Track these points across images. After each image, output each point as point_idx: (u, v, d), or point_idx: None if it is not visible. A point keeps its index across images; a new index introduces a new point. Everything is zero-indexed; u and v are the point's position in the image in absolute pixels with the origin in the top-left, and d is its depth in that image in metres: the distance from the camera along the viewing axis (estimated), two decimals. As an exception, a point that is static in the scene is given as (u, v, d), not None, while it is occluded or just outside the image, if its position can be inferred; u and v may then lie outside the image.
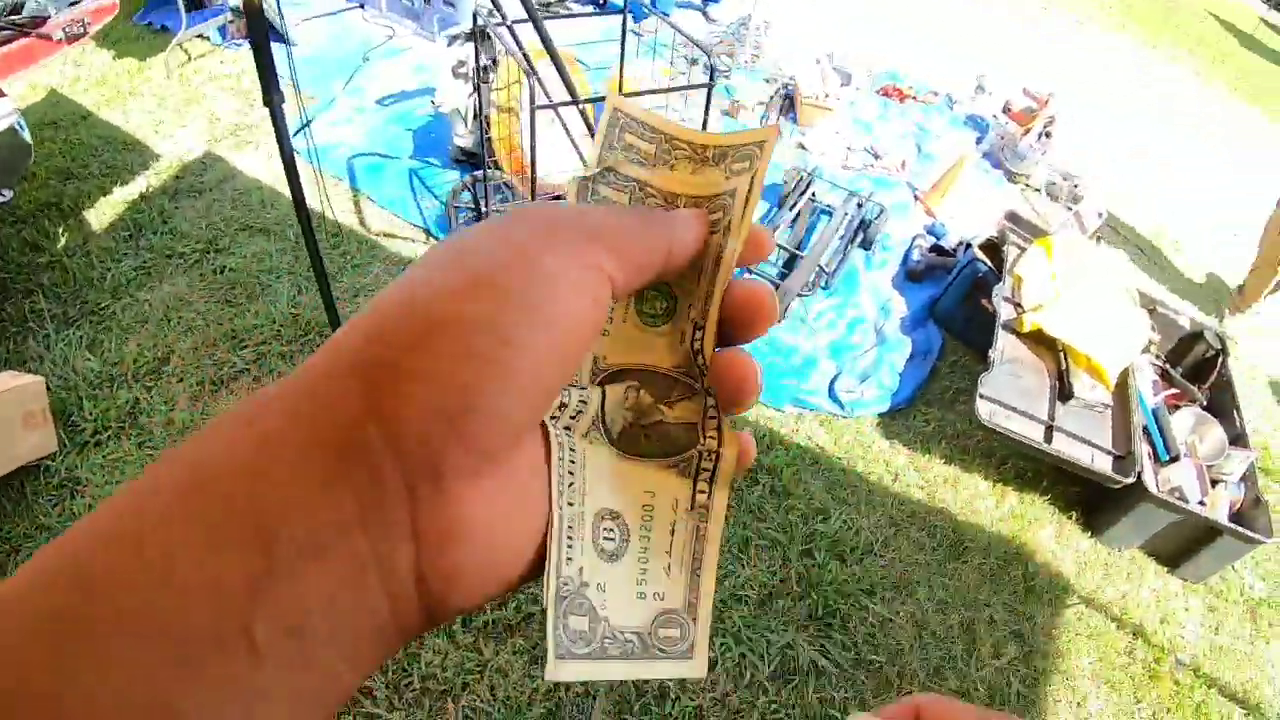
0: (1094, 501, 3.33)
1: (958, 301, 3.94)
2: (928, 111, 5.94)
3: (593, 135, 2.86)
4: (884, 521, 3.07)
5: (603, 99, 3.00)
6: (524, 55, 2.92)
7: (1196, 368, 3.88)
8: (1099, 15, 10.59)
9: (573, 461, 0.36)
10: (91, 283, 3.25)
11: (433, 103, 3.81)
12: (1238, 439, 3.45)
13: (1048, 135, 5.38)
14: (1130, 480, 3.06)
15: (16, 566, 1.78)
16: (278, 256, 3.53)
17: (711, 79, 2.93)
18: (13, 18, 3.45)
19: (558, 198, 3.98)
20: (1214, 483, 3.28)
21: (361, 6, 5.72)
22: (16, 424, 2.52)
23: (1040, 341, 3.55)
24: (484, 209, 3.64)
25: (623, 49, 3.43)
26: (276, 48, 2.37)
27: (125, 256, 3.39)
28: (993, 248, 3.97)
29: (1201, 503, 3.17)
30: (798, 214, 4.27)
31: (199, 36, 4.94)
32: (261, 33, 2.31)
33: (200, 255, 3.46)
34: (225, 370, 3.01)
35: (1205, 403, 3.70)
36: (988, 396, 3.20)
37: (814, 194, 4.43)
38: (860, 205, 4.34)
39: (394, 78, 4.95)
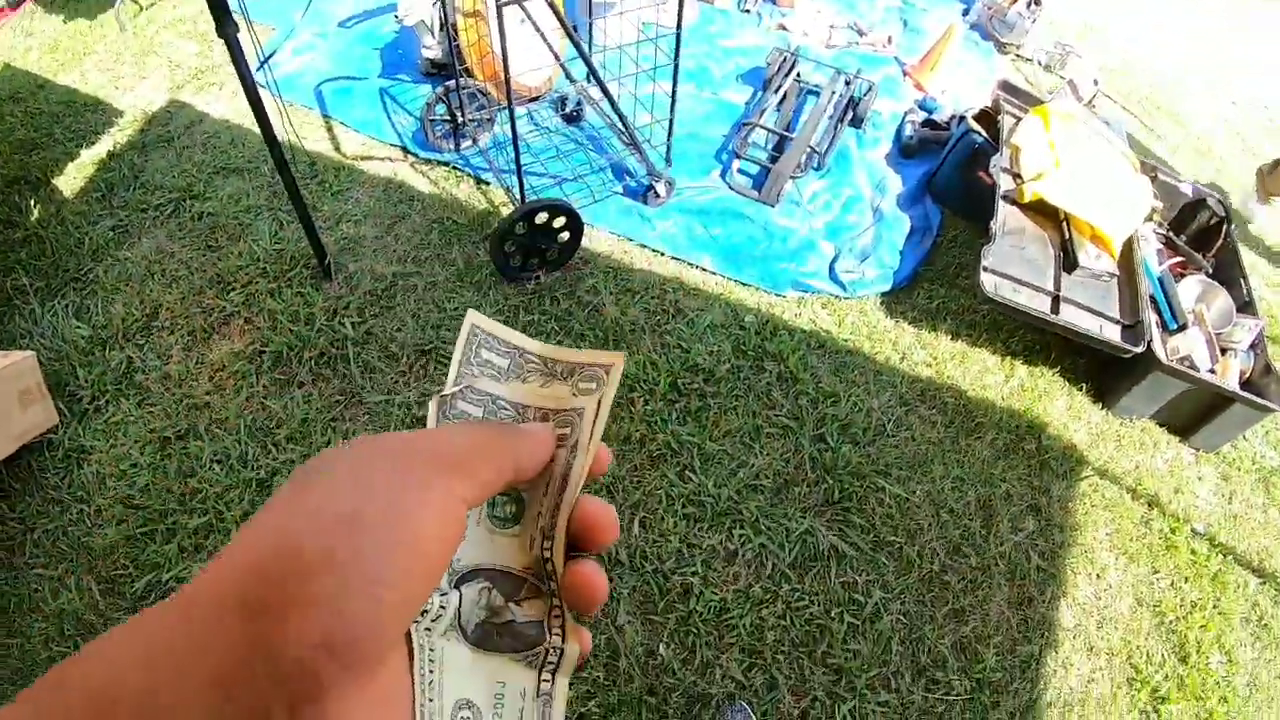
0: (1104, 372, 3.28)
1: (954, 175, 3.82)
2: (911, -14, 5.75)
3: (564, 28, 2.75)
4: (894, 401, 3.02)
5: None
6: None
7: (1200, 235, 3.80)
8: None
9: (432, 660, 0.39)
10: (70, 250, 3.16)
11: (396, 17, 3.65)
12: (1245, 307, 3.40)
13: (1037, 3, 5.22)
14: (1140, 350, 3.00)
15: (31, 544, 1.80)
16: (255, 194, 3.44)
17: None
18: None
19: (536, 99, 3.86)
20: (1223, 351, 3.23)
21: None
22: (14, 403, 2.47)
23: (1042, 211, 3.45)
24: (460, 119, 3.52)
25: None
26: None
27: (101, 218, 3.30)
28: (987, 119, 3.85)
29: (1211, 371, 3.12)
30: (784, 95, 4.13)
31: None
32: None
33: (176, 204, 3.37)
34: (215, 316, 2.96)
35: (1211, 270, 3.63)
36: (991, 269, 3.12)
37: (799, 74, 4.28)
38: (848, 83, 4.20)
39: (355, -2, 4.76)
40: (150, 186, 3.44)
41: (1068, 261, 3.31)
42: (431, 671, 0.39)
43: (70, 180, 3.49)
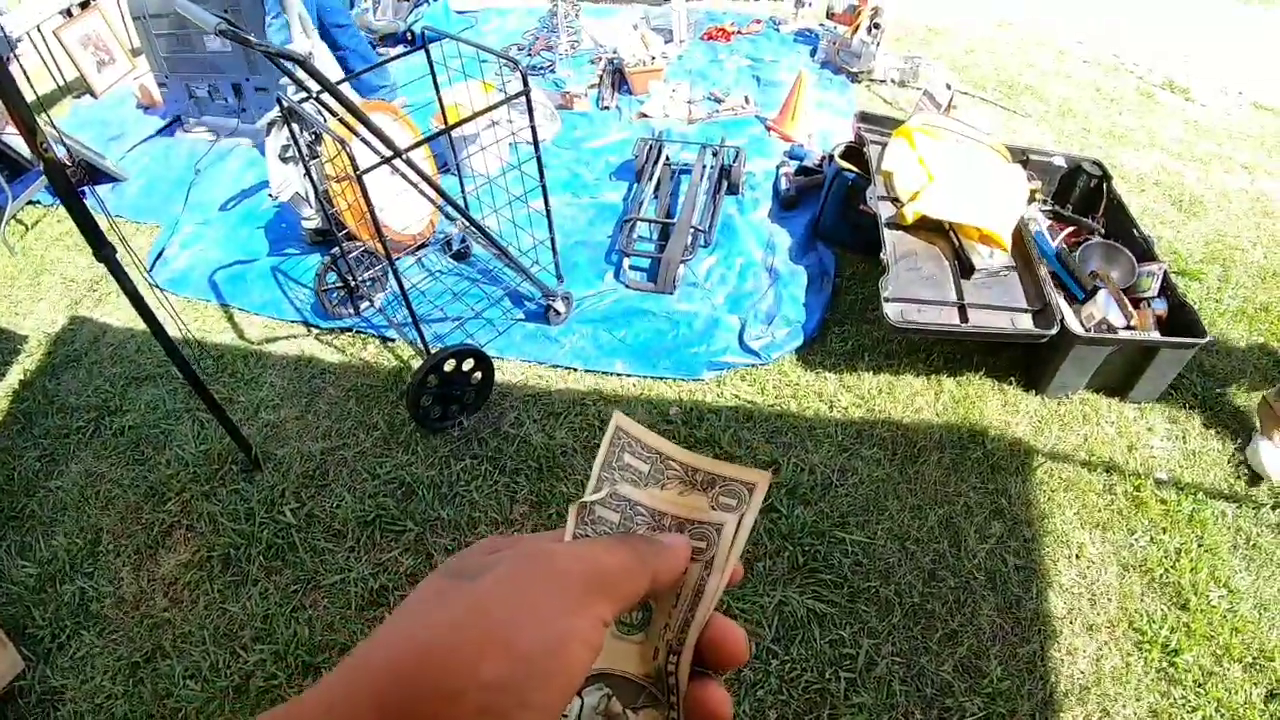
0: (1028, 361, 3.34)
1: (836, 215, 3.92)
2: (756, 42, 5.95)
3: (428, 181, 2.81)
4: (833, 452, 3.04)
5: (436, 136, 2.94)
6: (340, 121, 2.83)
7: (1085, 200, 3.92)
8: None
9: None
10: (0, 488, 3.14)
11: (269, 195, 3.71)
12: (1145, 255, 3.48)
13: (876, 27, 5.40)
14: (1055, 331, 3.06)
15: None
16: (171, 399, 3.43)
17: (525, 86, 2.88)
18: None
19: (423, 246, 3.91)
20: (1135, 304, 3.30)
21: (179, 120, 5.57)
22: (-25, 659, 2.41)
23: (927, 228, 3.53)
24: (353, 283, 3.57)
25: (435, 83, 3.35)
26: (101, 190, 2.28)
27: (25, 450, 3.28)
28: (855, 153, 3.96)
29: (1130, 327, 3.19)
30: (658, 182, 4.22)
31: (29, 203, 4.77)
32: (68, 188, 2.22)
33: (96, 423, 3.36)
34: (156, 530, 2.92)
35: (1103, 230, 3.73)
36: (892, 298, 3.18)
37: (668, 158, 4.38)
38: (715, 154, 4.31)
39: (231, 179, 4.85)
40: (67, 409, 3.43)
41: (964, 268, 3.38)
42: None
43: (-13, 416, 3.48)
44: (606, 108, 5.12)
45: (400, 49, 6.11)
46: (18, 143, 4.64)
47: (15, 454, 3.27)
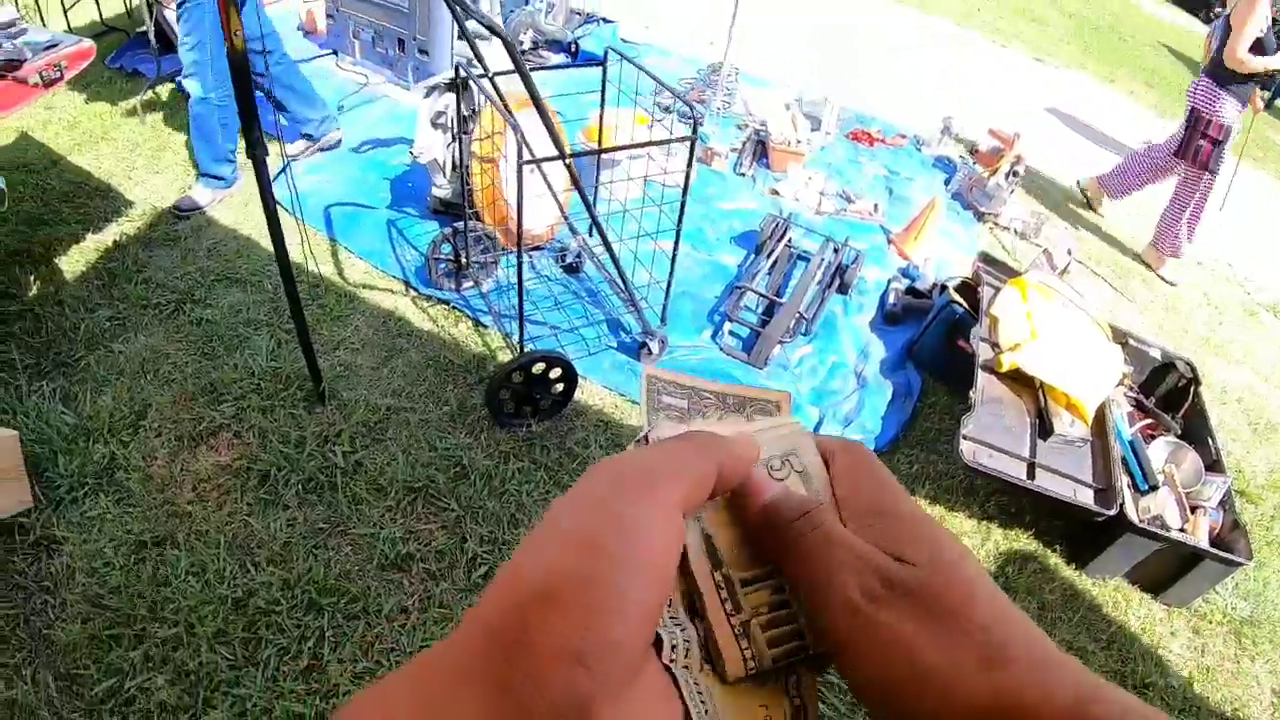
0: (1077, 534, 3.37)
1: (935, 343, 3.99)
2: (896, 155, 6.06)
3: (577, 188, 2.90)
4: (872, 568, 3.06)
5: (585, 154, 3.05)
6: (506, 108, 2.94)
7: (1169, 397, 3.95)
8: (1057, 50, 10.80)
9: (702, 698, 0.41)
10: (65, 333, 3.21)
11: (411, 154, 3.82)
12: (1213, 465, 3.52)
13: (1015, 175, 5.49)
14: (1112, 513, 3.10)
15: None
16: (255, 308, 3.51)
17: (694, 133, 2.96)
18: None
19: (538, 248, 4.01)
20: (1193, 509, 3.33)
21: (335, 54, 5.77)
22: (-9, 479, 2.45)
23: (1019, 380, 3.58)
24: (464, 260, 3.67)
25: (603, 101, 3.46)
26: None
27: (99, 307, 3.36)
28: (968, 289, 4.04)
29: (1182, 530, 3.22)
30: (775, 260, 4.32)
31: (172, 81, 4.94)
32: (246, 84, 2.34)
33: (176, 306, 3.44)
34: (204, 425, 2.97)
35: (1180, 431, 3.76)
36: (970, 437, 3.23)
37: (790, 240, 4.48)
38: (836, 251, 4.40)
39: (369, 125, 5.00)
40: (152, 284, 3.50)
41: (1043, 429, 3.43)
42: (704, 701, 0.41)
43: (73, 262, 3.54)
44: (743, 174, 5.23)
45: (562, 56, 6.33)
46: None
47: (89, 306, 3.34)
